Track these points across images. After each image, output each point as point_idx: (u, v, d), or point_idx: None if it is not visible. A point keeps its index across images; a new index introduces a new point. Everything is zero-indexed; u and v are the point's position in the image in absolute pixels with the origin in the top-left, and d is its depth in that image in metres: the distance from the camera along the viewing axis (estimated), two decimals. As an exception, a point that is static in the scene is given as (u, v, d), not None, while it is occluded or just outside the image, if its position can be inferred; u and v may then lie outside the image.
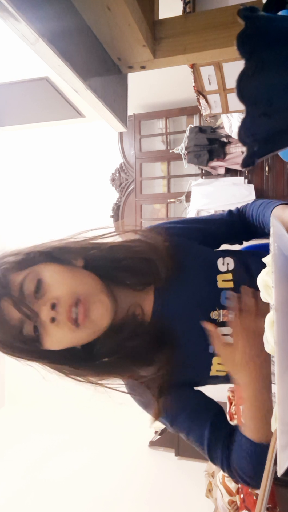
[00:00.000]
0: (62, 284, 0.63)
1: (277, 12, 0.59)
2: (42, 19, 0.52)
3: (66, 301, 0.62)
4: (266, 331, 0.48)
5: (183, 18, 0.77)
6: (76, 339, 0.65)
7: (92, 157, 3.77)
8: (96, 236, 0.73)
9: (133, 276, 0.71)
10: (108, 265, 0.70)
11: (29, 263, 0.66)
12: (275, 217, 0.68)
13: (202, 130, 3.09)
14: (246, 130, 0.38)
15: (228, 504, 1.94)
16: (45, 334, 0.62)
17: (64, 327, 0.62)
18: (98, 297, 0.65)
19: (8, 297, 0.62)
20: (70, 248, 0.70)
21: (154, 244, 0.72)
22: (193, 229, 0.80)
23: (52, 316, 0.61)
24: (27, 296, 0.62)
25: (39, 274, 0.64)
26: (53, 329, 0.62)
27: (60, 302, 0.61)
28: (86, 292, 0.64)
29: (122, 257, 0.70)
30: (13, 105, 3.43)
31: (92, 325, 0.64)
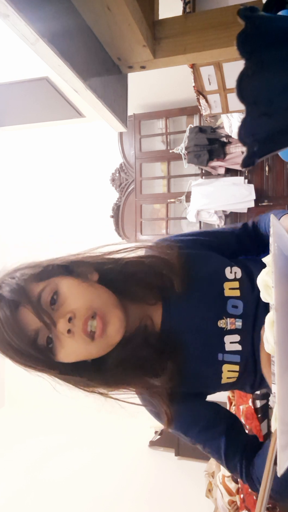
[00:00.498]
0: (79, 298, 0.64)
1: (277, 12, 0.59)
2: (42, 19, 0.52)
3: (83, 314, 0.63)
4: (266, 331, 0.48)
5: (183, 18, 0.77)
6: (89, 353, 0.65)
7: (92, 157, 3.77)
8: (111, 251, 0.75)
9: (147, 290, 0.72)
10: (122, 279, 0.71)
11: (47, 275, 0.67)
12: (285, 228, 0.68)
13: (202, 130, 3.09)
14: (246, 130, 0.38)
15: (228, 504, 1.94)
16: (59, 346, 0.63)
17: (79, 340, 0.63)
18: (114, 311, 0.66)
19: (29, 304, 0.62)
20: (86, 262, 0.72)
21: (167, 258, 0.73)
22: (199, 242, 0.80)
23: (69, 328, 0.62)
24: (45, 307, 0.63)
25: (57, 286, 0.65)
26: (68, 341, 0.63)
27: (76, 315, 0.63)
28: (102, 306, 0.65)
29: (136, 271, 0.72)
30: (13, 105, 3.43)
31: (106, 339, 0.65)
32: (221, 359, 0.70)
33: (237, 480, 1.93)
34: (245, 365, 0.70)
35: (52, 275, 0.67)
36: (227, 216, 3.16)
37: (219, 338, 0.70)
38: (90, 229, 3.67)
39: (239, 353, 0.69)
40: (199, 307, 0.72)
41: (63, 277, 0.67)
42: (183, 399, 0.71)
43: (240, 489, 1.85)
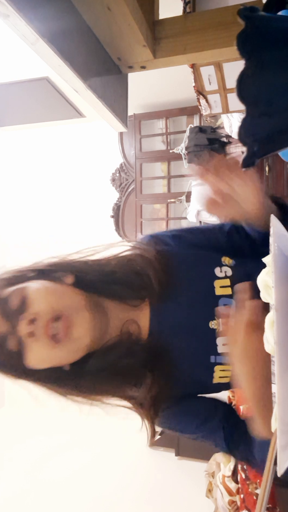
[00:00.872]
0: (43, 300, 0.64)
1: (277, 12, 0.59)
2: (42, 19, 0.52)
3: (45, 316, 0.62)
4: (266, 331, 0.48)
5: (183, 18, 0.77)
6: (57, 357, 0.64)
7: (92, 157, 3.77)
8: (91, 253, 0.74)
9: (126, 289, 0.70)
10: (100, 279, 0.70)
11: (18, 280, 0.68)
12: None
13: (202, 130, 3.09)
14: (246, 130, 0.38)
15: (228, 504, 1.94)
16: (26, 349, 0.63)
17: (43, 343, 0.62)
18: (81, 313, 0.65)
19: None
20: (60, 264, 0.71)
21: (147, 256, 0.71)
22: (186, 239, 0.78)
23: (30, 331, 0.61)
24: (10, 311, 0.63)
25: (24, 291, 0.65)
26: (33, 345, 0.62)
27: (39, 317, 0.62)
28: (67, 308, 0.64)
29: (114, 269, 0.71)
30: (13, 105, 3.43)
31: (73, 342, 0.64)
32: (213, 361, 0.68)
33: (237, 480, 1.93)
34: None
35: (23, 280, 0.68)
36: (227, 216, 3.15)
37: (211, 340, 0.68)
38: (90, 229, 3.67)
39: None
40: (189, 309, 0.69)
41: (34, 281, 0.67)
42: (174, 400, 0.70)
43: (240, 489, 1.85)
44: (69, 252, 0.74)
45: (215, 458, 2.26)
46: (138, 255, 0.73)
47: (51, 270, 0.70)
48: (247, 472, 1.74)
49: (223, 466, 2.07)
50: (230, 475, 1.98)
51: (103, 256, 0.74)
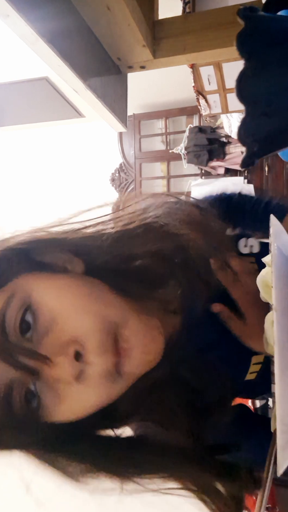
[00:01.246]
0: (81, 310, 0.37)
1: (277, 12, 0.59)
2: (42, 19, 0.52)
3: (102, 340, 0.36)
4: (266, 331, 0.48)
5: (183, 18, 0.78)
6: (112, 395, 0.38)
7: (91, 157, 3.77)
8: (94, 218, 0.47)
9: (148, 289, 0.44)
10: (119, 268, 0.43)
11: (5, 276, 0.39)
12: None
13: (202, 130, 3.09)
14: (246, 130, 0.38)
15: (228, 504, 1.94)
16: (56, 401, 0.36)
17: (100, 383, 0.36)
18: (140, 321, 0.40)
19: None
20: (59, 242, 0.42)
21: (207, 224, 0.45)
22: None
23: (80, 370, 0.35)
24: (13, 339, 0.35)
25: (28, 296, 0.37)
26: (76, 390, 0.36)
27: (88, 345, 0.35)
28: (122, 319, 0.38)
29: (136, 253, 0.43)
30: (13, 105, 3.43)
31: (138, 369, 0.39)
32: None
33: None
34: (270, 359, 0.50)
35: (10, 276, 0.39)
36: (227, 216, 3.15)
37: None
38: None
39: None
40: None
41: (30, 276, 0.39)
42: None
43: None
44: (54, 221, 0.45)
45: (214, 458, 2.25)
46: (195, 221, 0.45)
47: (46, 253, 0.42)
48: (246, 472, 1.74)
49: (222, 466, 2.07)
50: (229, 475, 1.98)
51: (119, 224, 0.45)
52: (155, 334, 0.40)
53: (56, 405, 0.36)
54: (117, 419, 0.41)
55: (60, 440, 0.39)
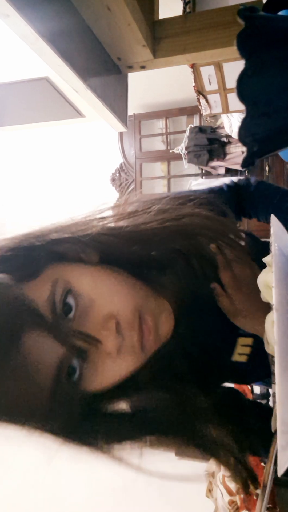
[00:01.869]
0: (115, 294, 0.42)
1: (277, 12, 0.59)
2: (42, 19, 0.52)
3: (131, 317, 0.42)
4: (266, 331, 0.48)
5: (183, 18, 0.77)
6: (136, 366, 0.44)
7: (92, 157, 3.77)
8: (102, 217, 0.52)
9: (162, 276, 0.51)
10: (129, 258, 0.48)
11: (38, 266, 0.42)
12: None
13: (202, 130, 3.09)
14: (246, 130, 0.38)
15: (229, 504, 1.94)
16: (94, 372, 0.41)
17: (128, 355, 0.42)
18: (158, 304, 0.46)
19: (40, 326, 0.37)
20: (77, 238, 0.45)
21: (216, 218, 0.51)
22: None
23: (120, 345, 0.40)
24: (62, 319, 0.39)
25: (70, 283, 0.41)
26: (110, 363, 0.41)
27: (122, 322, 0.41)
28: (144, 300, 0.44)
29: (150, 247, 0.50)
30: (13, 105, 3.43)
31: (156, 344, 0.45)
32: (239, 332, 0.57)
33: (237, 480, 1.93)
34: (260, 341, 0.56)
35: (44, 266, 0.42)
36: (227, 216, 3.15)
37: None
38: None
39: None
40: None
41: (60, 265, 0.43)
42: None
43: (240, 489, 1.85)
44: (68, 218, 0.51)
45: (215, 458, 2.26)
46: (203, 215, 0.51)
47: (68, 247, 0.45)
48: (247, 472, 1.74)
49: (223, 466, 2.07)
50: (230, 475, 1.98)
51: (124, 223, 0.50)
52: (167, 315, 0.46)
53: (92, 377, 0.41)
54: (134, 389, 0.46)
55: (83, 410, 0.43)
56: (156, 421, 0.48)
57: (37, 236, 0.46)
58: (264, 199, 0.70)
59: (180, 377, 0.49)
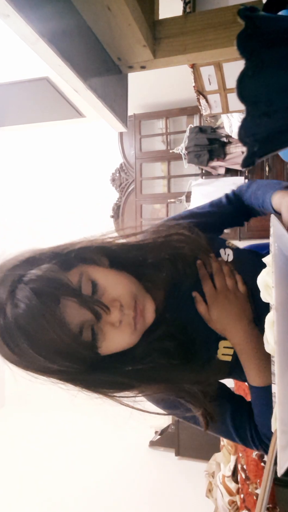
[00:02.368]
0: (118, 285, 0.61)
1: (277, 12, 0.59)
2: (42, 19, 0.52)
3: (129, 301, 0.60)
4: (266, 331, 0.49)
5: (183, 18, 0.77)
6: (131, 342, 0.62)
7: (92, 157, 3.77)
8: (114, 236, 0.72)
9: (159, 273, 0.70)
10: (133, 263, 0.68)
11: (72, 263, 0.62)
12: (275, 206, 0.72)
13: (202, 130, 3.09)
14: (246, 130, 0.38)
15: (228, 504, 1.94)
16: (102, 338, 0.59)
17: (125, 330, 0.60)
18: (146, 295, 0.64)
19: (73, 296, 0.56)
20: (94, 247, 0.66)
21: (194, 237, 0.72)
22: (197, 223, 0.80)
23: (120, 319, 0.59)
24: (88, 298, 0.58)
25: (91, 275, 0.60)
26: (113, 332, 0.59)
27: (124, 304, 0.60)
28: (138, 292, 0.63)
29: (147, 256, 0.69)
30: (13, 105, 3.43)
31: (145, 325, 0.63)
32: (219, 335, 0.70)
33: (237, 480, 1.93)
34: None
35: (76, 264, 0.62)
36: (227, 216, 3.15)
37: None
38: (90, 229, 3.67)
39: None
40: (193, 286, 0.72)
41: (87, 265, 0.63)
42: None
43: (240, 489, 1.85)
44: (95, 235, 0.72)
45: (215, 458, 2.26)
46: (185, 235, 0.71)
47: (89, 254, 0.65)
48: (247, 472, 1.74)
49: (223, 466, 2.07)
50: (230, 475, 1.98)
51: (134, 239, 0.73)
52: (150, 305, 0.63)
53: (101, 341, 0.59)
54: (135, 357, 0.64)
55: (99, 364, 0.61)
56: (148, 376, 0.65)
57: (69, 245, 0.66)
58: (252, 196, 0.82)
59: (167, 352, 0.66)
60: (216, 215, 0.84)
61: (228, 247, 0.76)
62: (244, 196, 0.83)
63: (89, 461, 3.15)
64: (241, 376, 0.73)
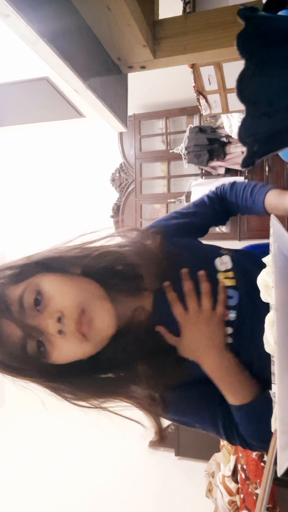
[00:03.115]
0: (65, 294, 0.61)
1: (277, 12, 0.59)
2: (42, 19, 0.52)
3: (72, 312, 0.60)
4: (266, 331, 0.48)
5: (183, 18, 0.77)
6: (83, 351, 0.62)
7: (92, 157, 3.77)
8: (87, 241, 0.72)
9: (126, 282, 0.69)
10: (101, 272, 0.68)
11: (25, 275, 0.64)
12: (271, 206, 0.74)
13: (202, 130, 3.09)
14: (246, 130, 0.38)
15: (228, 504, 1.94)
16: (51, 349, 0.60)
17: (71, 340, 0.60)
18: (101, 304, 0.63)
19: (8, 314, 0.60)
20: (65, 257, 0.68)
21: (140, 249, 0.71)
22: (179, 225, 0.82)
23: (59, 329, 0.59)
24: (27, 310, 0.60)
25: (38, 286, 0.61)
26: (60, 342, 0.60)
27: (65, 314, 0.59)
28: (89, 300, 0.62)
29: (111, 262, 0.69)
30: (13, 105, 3.43)
31: (98, 334, 0.62)
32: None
33: (237, 480, 1.93)
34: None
35: (31, 274, 0.64)
36: (227, 216, 3.15)
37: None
38: (90, 229, 3.66)
39: (229, 346, 0.67)
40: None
41: (43, 275, 0.64)
42: (178, 390, 0.69)
43: (240, 489, 1.85)
44: (63, 241, 0.72)
45: (215, 458, 2.26)
46: (132, 247, 0.72)
47: (56, 262, 0.67)
48: (247, 472, 1.74)
49: (223, 466, 2.07)
50: (230, 475, 1.98)
51: (101, 245, 0.72)
52: (105, 315, 0.63)
53: (52, 351, 0.60)
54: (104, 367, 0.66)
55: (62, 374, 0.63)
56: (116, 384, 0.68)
57: (29, 257, 0.67)
58: (238, 197, 0.85)
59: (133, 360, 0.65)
60: (201, 215, 0.85)
61: (224, 255, 0.73)
62: (229, 198, 0.86)
63: (89, 461, 3.15)
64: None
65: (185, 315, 0.67)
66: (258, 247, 0.90)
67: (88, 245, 0.71)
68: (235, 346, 0.67)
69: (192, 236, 0.82)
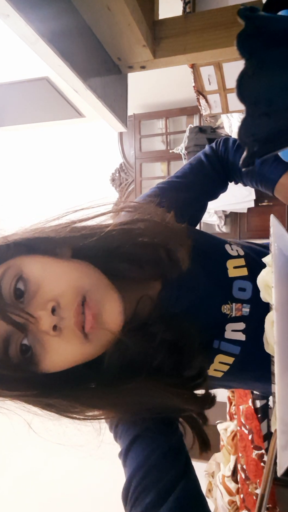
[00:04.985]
0: (61, 278, 0.46)
1: (277, 12, 0.59)
2: (42, 19, 0.52)
3: (71, 300, 0.45)
4: (266, 331, 0.48)
5: (183, 18, 0.77)
6: (84, 353, 0.47)
7: (92, 157, 3.77)
8: (82, 219, 0.58)
9: (136, 267, 0.54)
10: (103, 255, 0.53)
11: (2, 257, 0.49)
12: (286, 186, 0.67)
13: (202, 130, 3.09)
14: (246, 130, 0.38)
15: (228, 504, 1.94)
16: (42, 351, 0.45)
17: (70, 337, 0.45)
18: (109, 293, 0.49)
19: None
20: (53, 237, 0.53)
21: (165, 224, 0.55)
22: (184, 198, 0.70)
23: (55, 324, 0.44)
24: (7, 301, 0.45)
25: (20, 269, 0.46)
26: (54, 342, 0.45)
27: (62, 303, 0.45)
28: (92, 287, 0.47)
29: (120, 244, 0.54)
30: (13, 105, 3.43)
31: (104, 332, 0.47)
32: (216, 346, 0.58)
33: (237, 480, 1.93)
34: (243, 360, 0.59)
35: (9, 257, 0.49)
36: (227, 216, 3.15)
37: (220, 324, 0.58)
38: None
39: (240, 344, 0.58)
40: (204, 287, 0.59)
41: (26, 257, 0.49)
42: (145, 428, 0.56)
43: (240, 489, 1.85)
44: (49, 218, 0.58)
45: (215, 458, 2.26)
46: (148, 220, 0.56)
47: (41, 243, 0.51)
48: (247, 472, 1.74)
49: (223, 466, 2.07)
50: (230, 475, 1.98)
51: (101, 223, 0.56)
52: (113, 306, 0.48)
53: (43, 355, 0.45)
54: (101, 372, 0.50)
55: (56, 384, 0.48)
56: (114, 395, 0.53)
57: (5, 237, 0.52)
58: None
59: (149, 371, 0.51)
60: (199, 185, 0.72)
61: (233, 244, 0.65)
62: (231, 157, 0.73)
63: (89, 461, 3.15)
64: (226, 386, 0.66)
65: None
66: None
67: (80, 223, 0.57)
68: (248, 343, 0.59)
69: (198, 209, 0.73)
